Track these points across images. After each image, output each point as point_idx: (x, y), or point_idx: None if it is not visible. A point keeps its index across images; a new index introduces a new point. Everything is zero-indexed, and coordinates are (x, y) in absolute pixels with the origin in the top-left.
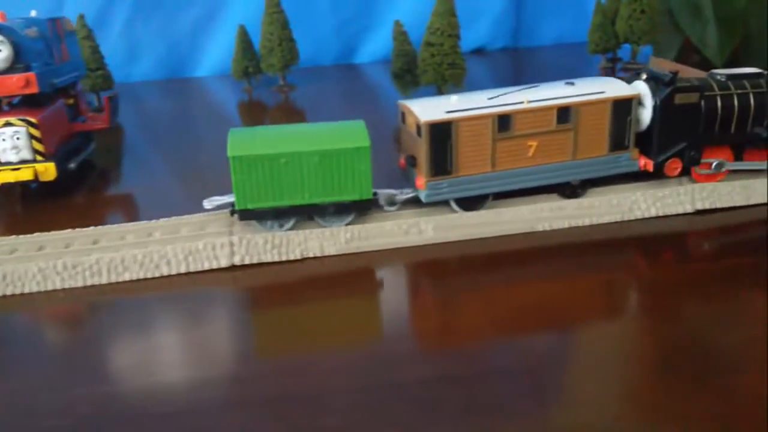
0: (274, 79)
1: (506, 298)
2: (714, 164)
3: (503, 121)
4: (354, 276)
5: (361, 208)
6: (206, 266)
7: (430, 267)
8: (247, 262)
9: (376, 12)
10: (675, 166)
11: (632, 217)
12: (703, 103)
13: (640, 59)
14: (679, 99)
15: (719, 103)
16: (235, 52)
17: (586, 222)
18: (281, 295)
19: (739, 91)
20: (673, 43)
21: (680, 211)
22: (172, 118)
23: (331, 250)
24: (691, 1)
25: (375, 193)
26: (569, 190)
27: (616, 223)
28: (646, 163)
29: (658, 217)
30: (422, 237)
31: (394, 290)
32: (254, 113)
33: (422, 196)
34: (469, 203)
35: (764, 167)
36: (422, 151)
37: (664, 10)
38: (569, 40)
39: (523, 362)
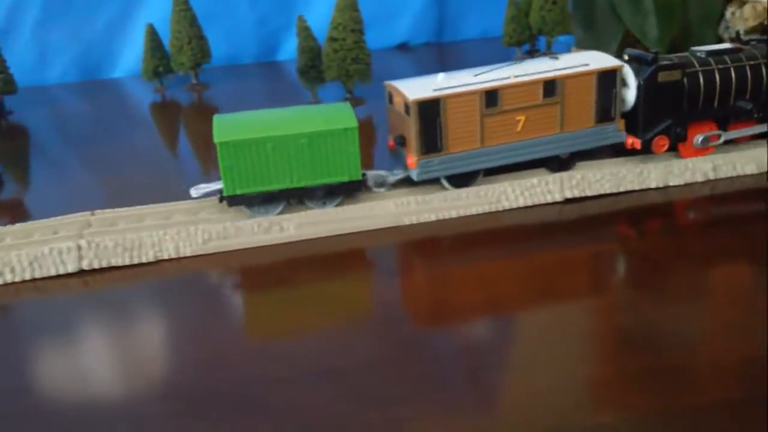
0: (187, 78)
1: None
2: (701, 139)
3: (490, 97)
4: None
5: (350, 190)
6: (53, 272)
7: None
8: (96, 266)
9: (297, 8)
10: (662, 143)
11: (500, 208)
12: (685, 80)
13: (557, 50)
14: (663, 77)
15: (701, 79)
16: (144, 52)
17: (453, 214)
18: (134, 301)
19: (720, 66)
20: (615, 34)
21: (549, 200)
22: (82, 120)
23: (187, 251)
24: None
25: (364, 174)
26: (558, 163)
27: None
28: (633, 142)
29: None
30: (284, 235)
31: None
32: (168, 113)
33: (414, 175)
34: (460, 180)
35: (764, 129)
36: (412, 129)
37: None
38: (493, 34)
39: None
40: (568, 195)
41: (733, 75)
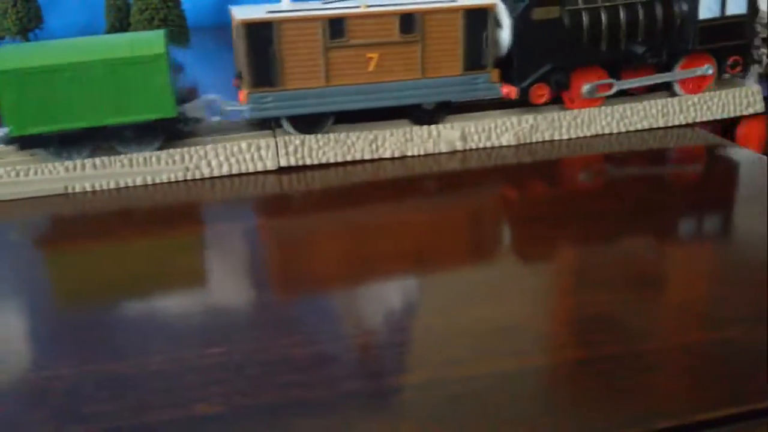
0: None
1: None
2: (587, 89)
3: (335, 27)
4: None
5: (168, 130)
6: None
7: None
8: None
9: None
10: (541, 92)
11: (199, 176)
12: (565, 18)
13: None
14: (538, 14)
15: (585, 18)
16: None
17: (139, 181)
18: None
19: (607, 4)
20: None
21: (260, 168)
22: None
23: None
24: None
25: (182, 111)
26: (423, 115)
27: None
28: (509, 91)
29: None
30: None
31: None
32: None
33: (245, 112)
34: (307, 125)
35: (659, 80)
36: (241, 57)
37: None
38: None
39: None
40: (283, 163)
41: (622, 14)
